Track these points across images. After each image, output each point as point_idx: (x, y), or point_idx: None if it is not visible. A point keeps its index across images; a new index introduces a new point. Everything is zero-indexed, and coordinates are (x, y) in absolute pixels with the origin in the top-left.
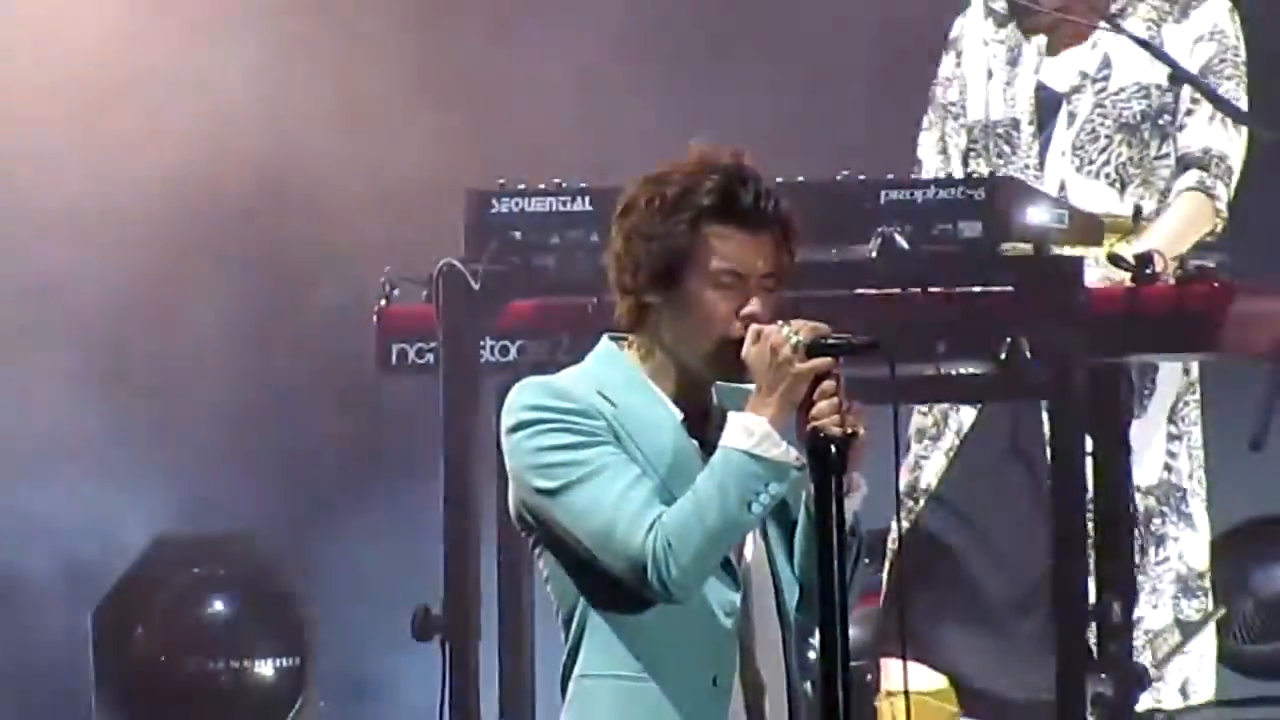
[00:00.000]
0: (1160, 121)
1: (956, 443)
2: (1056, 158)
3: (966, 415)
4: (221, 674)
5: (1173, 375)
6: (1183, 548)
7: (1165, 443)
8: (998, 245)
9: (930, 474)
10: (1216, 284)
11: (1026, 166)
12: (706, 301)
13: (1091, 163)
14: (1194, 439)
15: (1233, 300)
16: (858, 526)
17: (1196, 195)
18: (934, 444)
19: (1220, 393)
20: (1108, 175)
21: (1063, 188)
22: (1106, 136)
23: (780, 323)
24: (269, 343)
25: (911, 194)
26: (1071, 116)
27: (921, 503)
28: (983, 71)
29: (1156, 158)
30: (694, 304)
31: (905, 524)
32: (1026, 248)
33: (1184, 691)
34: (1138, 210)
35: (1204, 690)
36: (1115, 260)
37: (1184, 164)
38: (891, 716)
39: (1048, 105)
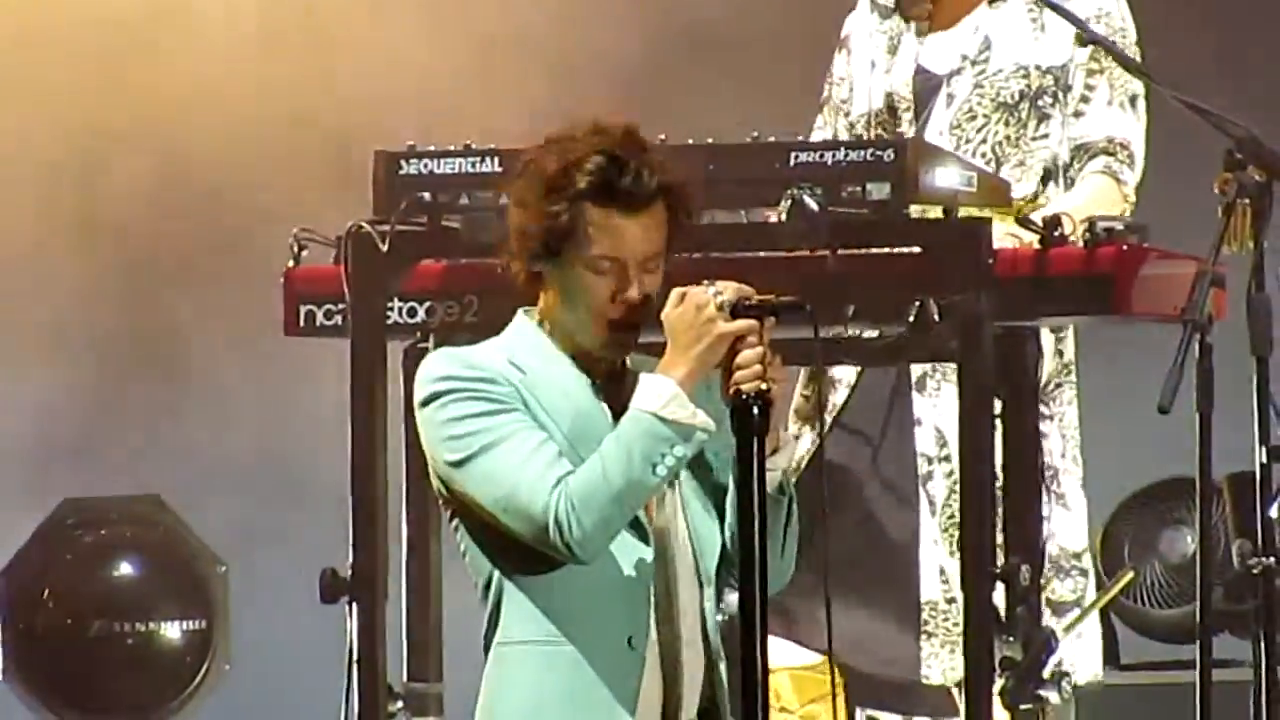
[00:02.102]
0: (1039, 103)
1: (829, 421)
2: (934, 137)
3: (843, 394)
4: (128, 636)
5: (1044, 359)
6: (1054, 527)
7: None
8: (906, 207)
9: (801, 453)
10: (1125, 246)
11: None
12: (586, 285)
13: (968, 141)
14: (1067, 419)
15: (1142, 263)
16: (788, 484)
17: (1103, 177)
18: (807, 425)
19: (1125, 356)
20: (984, 154)
21: None
22: (984, 116)
23: (705, 282)
24: (181, 302)
25: (821, 156)
26: (950, 98)
27: (794, 479)
28: (867, 64)
29: (1034, 138)
30: (574, 285)
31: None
32: (936, 210)
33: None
34: (1047, 172)
35: (1086, 671)
36: (1024, 223)
37: (1087, 152)
38: (775, 692)
39: (928, 89)
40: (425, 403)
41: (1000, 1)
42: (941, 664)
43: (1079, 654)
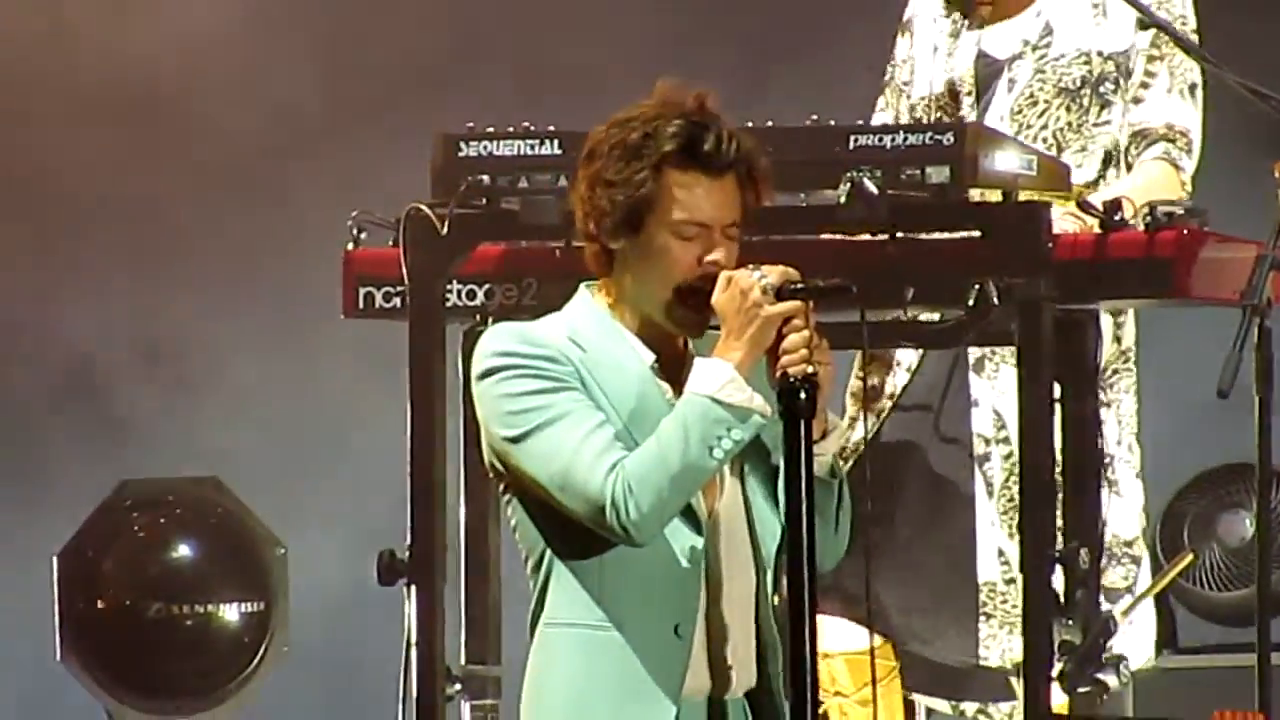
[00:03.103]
0: (1101, 89)
1: (889, 404)
2: (995, 122)
3: (903, 378)
4: (187, 618)
5: (1102, 344)
6: (1108, 515)
7: None
8: (966, 191)
9: (857, 438)
10: (1185, 230)
11: None
12: (669, 250)
13: (1029, 127)
14: (1124, 407)
15: (1202, 247)
16: (837, 467)
17: (1162, 164)
18: (862, 407)
19: (1184, 340)
20: (1045, 140)
21: None
22: (1046, 101)
23: (750, 266)
24: (236, 282)
25: (880, 139)
26: (1011, 83)
27: (851, 462)
28: (930, 48)
29: (1095, 124)
30: (657, 252)
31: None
32: (995, 194)
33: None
34: (1108, 157)
35: (1140, 656)
36: (1084, 206)
37: (1146, 138)
38: (830, 677)
39: (989, 73)
40: (483, 376)
41: None
42: (1000, 645)
43: (1132, 639)
